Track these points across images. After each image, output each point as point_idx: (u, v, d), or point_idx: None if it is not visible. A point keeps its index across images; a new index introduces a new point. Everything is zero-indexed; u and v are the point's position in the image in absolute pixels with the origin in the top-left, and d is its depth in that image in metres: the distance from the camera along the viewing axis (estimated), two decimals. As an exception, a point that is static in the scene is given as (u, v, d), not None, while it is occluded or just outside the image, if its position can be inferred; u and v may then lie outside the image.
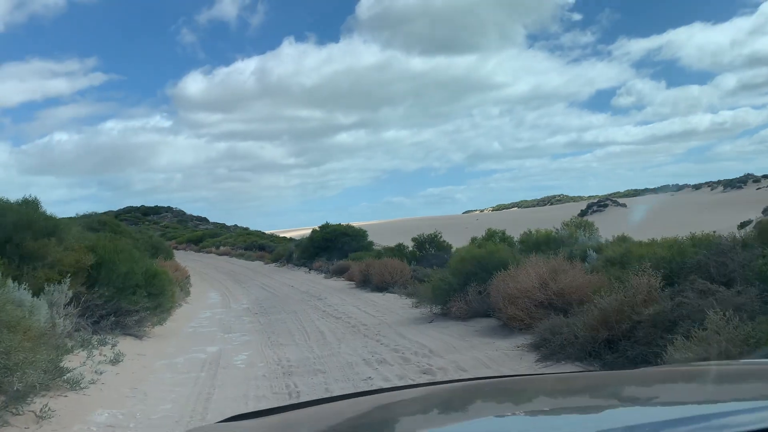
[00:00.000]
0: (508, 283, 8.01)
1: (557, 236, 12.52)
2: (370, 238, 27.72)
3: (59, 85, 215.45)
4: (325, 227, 28.42)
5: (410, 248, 22.60)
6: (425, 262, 20.19)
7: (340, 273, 22.09)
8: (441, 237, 22.26)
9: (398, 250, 22.33)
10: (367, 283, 17.51)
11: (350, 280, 19.84)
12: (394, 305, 13.00)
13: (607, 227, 19.05)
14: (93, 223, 20.02)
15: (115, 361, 7.65)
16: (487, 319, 9.13)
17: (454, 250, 22.28)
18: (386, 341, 8.63)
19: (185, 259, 32.49)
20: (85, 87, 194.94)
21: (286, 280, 22.09)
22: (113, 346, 8.62)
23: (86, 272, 9.29)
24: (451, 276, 9.49)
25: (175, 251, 38.57)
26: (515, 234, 19.32)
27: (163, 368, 7.76)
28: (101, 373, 6.78)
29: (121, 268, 9.86)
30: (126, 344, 9.22)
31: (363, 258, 21.05)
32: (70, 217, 20.77)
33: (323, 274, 23.42)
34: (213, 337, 10.61)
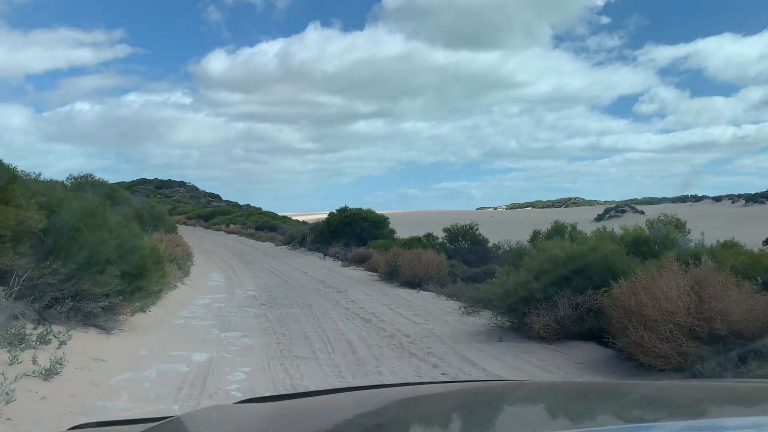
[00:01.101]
0: (641, 299, 5.36)
1: (650, 236, 9.84)
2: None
3: (84, 55, 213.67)
4: (343, 210, 26.05)
5: (440, 239, 20.10)
6: (458, 256, 17.72)
7: (359, 261, 19.73)
8: (477, 230, 19.63)
9: (427, 241, 19.77)
10: (393, 275, 15.02)
11: (372, 270, 17.45)
12: (436, 308, 10.42)
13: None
14: (85, 185, 17.60)
15: (50, 372, 5.11)
16: (584, 343, 6.51)
17: (490, 244, 19.79)
18: (447, 368, 6.00)
19: (192, 234, 30.22)
20: (110, 58, 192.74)
21: (299, 266, 19.57)
22: (61, 343, 6.12)
23: (36, 239, 6.78)
24: (534, 280, 6.84)
25: (183, 226, 36.50)
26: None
27: (121, 388, 5.21)
28: (12, 400, 4.24)
29: (88, 236, 7.33)
30: (84, 340, 6.72)
31: (388, 247, 18.51)
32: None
33: (340, 262, 20.97)
34: (205, 336, 8.09)
